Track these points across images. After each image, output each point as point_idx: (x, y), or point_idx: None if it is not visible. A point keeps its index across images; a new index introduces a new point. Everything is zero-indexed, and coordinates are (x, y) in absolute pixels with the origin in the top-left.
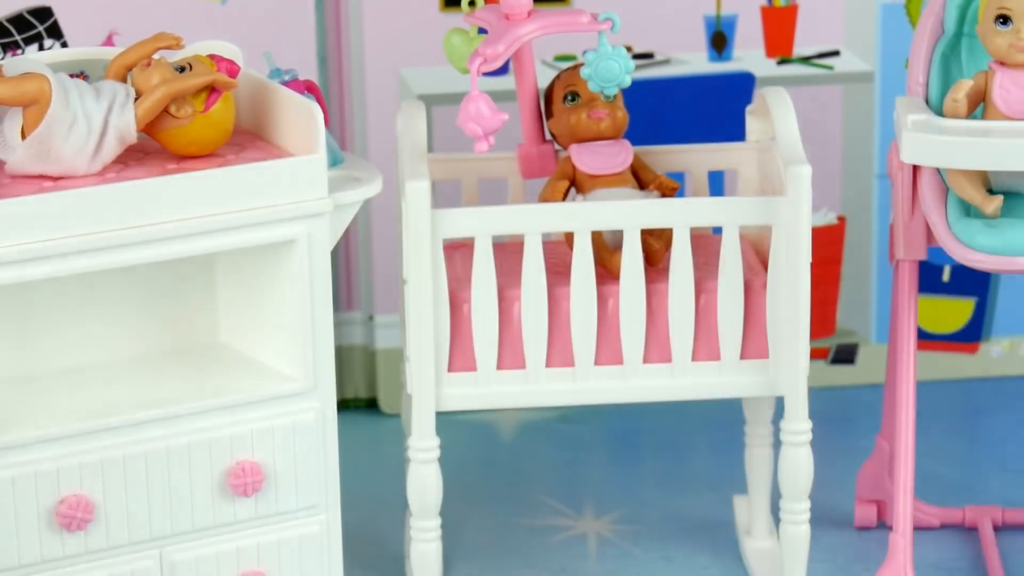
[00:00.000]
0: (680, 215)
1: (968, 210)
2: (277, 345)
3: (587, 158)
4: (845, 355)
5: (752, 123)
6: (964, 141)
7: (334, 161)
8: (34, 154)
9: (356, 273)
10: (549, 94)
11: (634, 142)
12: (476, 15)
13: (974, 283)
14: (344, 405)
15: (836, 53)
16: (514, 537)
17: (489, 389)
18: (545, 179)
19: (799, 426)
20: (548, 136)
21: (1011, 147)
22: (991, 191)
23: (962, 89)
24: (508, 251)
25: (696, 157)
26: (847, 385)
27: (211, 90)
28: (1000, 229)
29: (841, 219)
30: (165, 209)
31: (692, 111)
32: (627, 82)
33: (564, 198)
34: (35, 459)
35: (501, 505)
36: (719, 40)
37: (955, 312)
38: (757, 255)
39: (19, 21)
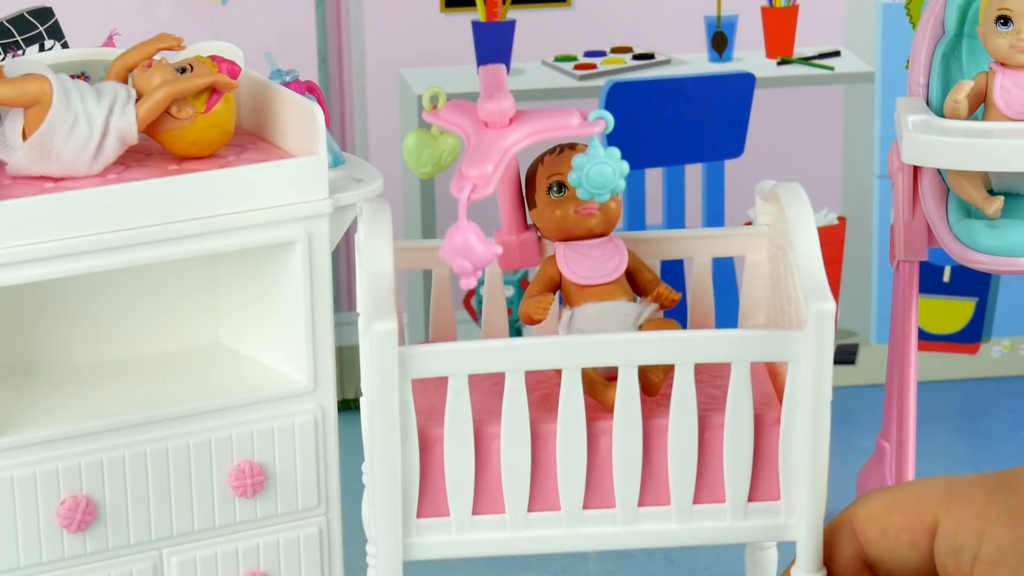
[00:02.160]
0: (684, 352)
1: (969, 211)
2: (277, 345)
3: (575, 265)
4: (845, 355)
5: (763, 206)
6: (965, 142)
7: (334, 162)
8: (35, 155)
9: (356, 273)
10: (531, 180)
11: (633, 143)
12: (442, 116)
13: (975, 284)
14: (344, 405)
15: (836, 53)
16: None
17: (463, 537)
18: (525, 270)
19: None
20: (529, 221)
21: (1012, 148)
22: (992, 192)
23: (963, 90)
24: (479, 383)
25: (699, 244)
26: (847, 385)
27: (212, 91)
28: (1001, 230)
29: (841, 220)
30: (166, 210)
31: (692, 111)
32: (621, 186)
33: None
34: (35, 460)
35: None
36: (719, 40)
37: (955, 312)
38: (772, 377)
39: (20, 22)
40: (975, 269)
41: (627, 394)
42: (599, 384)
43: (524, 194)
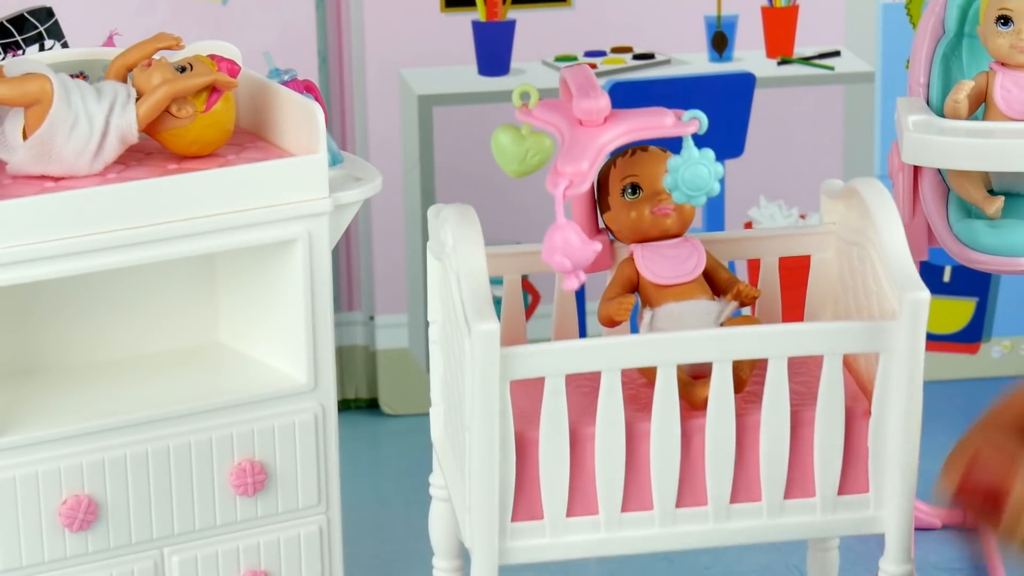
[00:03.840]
0: (778, 345)
1: (969, 211)
2: (278, 345)
3: (654, 265)
4: None
5: (829, 204)
6: (965, 142)
7: (333, 161)
8: (36, 154)
9: (356, 273)
10: (603, 184)
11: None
12: (535, 115)
13: (975, 283)
14: (344, 405)
15: (837, 53)
16: None
17: (557, 539)
18: (597, 273)
19: (903, 567)
20: (601, 224)
21: (1012, 148)
22: (992, 192)
23: (963, 90)
24: (574, 384)
25: (767, 244)
26: None
27: (212, 90)
28: (1001, 230)
29: None
30: (166, 209)
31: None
32: (716, 189)
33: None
34: (37, 459)
35: None
36: (720, 40)
37: (956, 312)
38: (850, 371)
39: (20, 21)
40: (975, 269)
41: (721, 391)
42: (687, 383)
43: (596, 197)
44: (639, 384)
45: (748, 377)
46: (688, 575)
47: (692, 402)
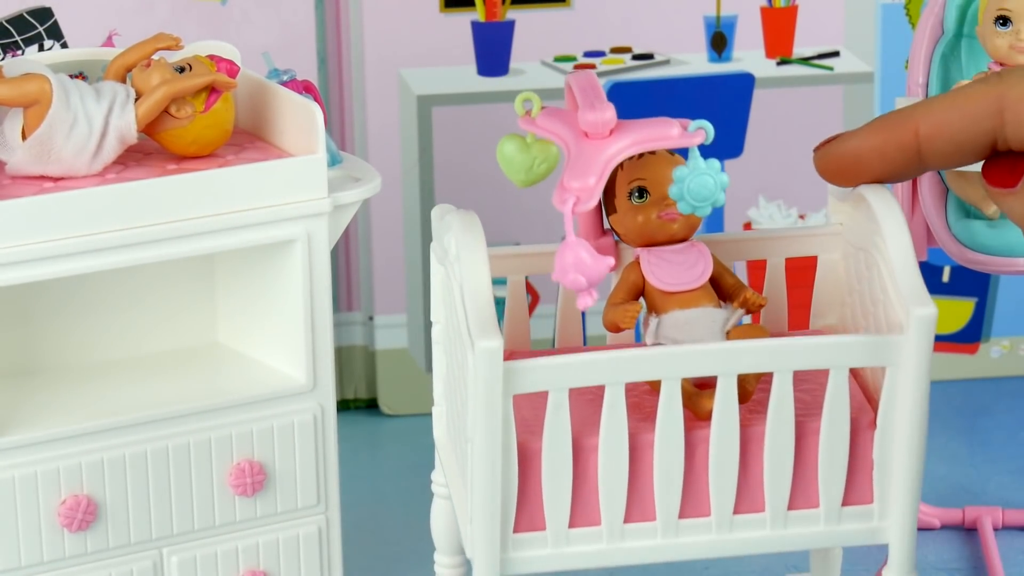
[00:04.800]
0: (784, 360)
1: (968, 211)
2: (277, 345)
3: (660, 272)
4: None
5: (837, 206)
6: None
7: (332, 161)
8: (35, 155)
9: (356, 273)
10: (610, 186)
11: None
12: (539, 124)
13: (974, 284)
14: (344, 405)
15: (836, 54)
16: None
17: (559, 550)
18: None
19: None
20: (607, 226)
21: None
22: None
23: None
24: (577, 393)
25: (773, 245)
26: None
27: (211, 90)
28: (1000, 230)
29: None
30: (165, 210)
31: (692, 112)
32: (722, 200)
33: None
34: (36, 459)
35: None
36: (719, 41)
37: (955, 313)
38: (856, 379)
39: (19, 22)
40: (974, 269)
41: (726, 403)
42: (692, 393)
43: (602, 200)
44: (642, 391)
45: (754, 389)
46: (687, 575)
47: (697, 413)
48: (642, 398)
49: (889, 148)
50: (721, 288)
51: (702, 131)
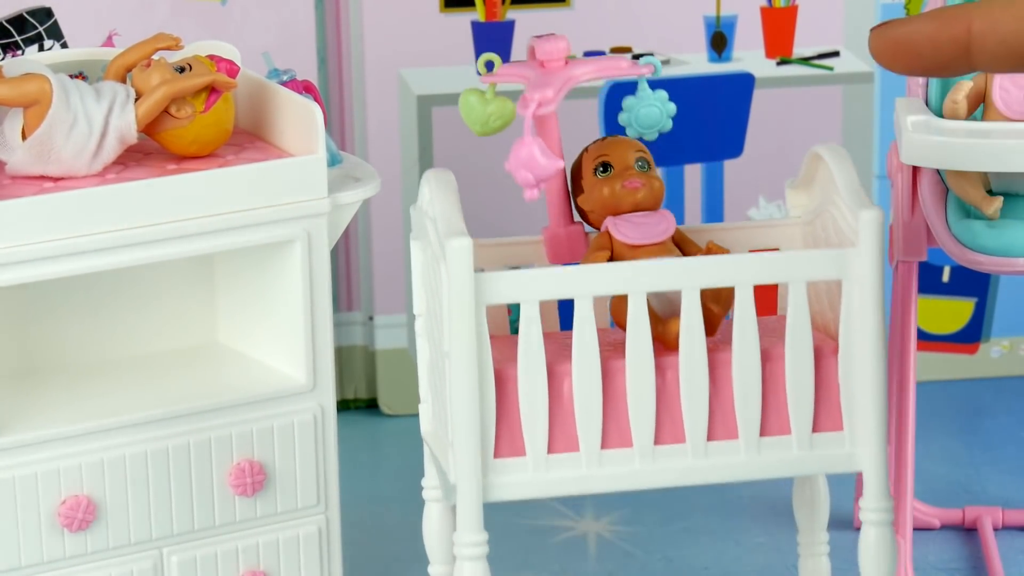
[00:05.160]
0: (744, 272)
1: (968, 211)
2: (277, 345)
3: (626, 229)
4: None
5: (794, 197)
6: (964, 142)
7: (332, 161)
8: (35, 155)
9: (356, 273)
10: (577, 169)
11: None
12: (501, 74)
13: (974, 284)
14: (344, 405)
15: (836, 54)
16: (513, 538)
17: (540, 476)
18: (574, 264)
19: (882, 503)
20: (576, 217)
21: (1011, 148)
22: (991, 192)
23: (962, 90)
24: (552, 336)
25: (736, 235)
26: None
27: (211, 90)
28: (1000, 230)
29: None
30: (165, 210)
31: (692, 112)
32: (668, 126)
33: None
34: (36, 460)
35: (500, 505)
36: (719, 40)
37: (955, 313)
38: (819, 327)
39: (19, 22)
40: (974, 269)
41: (691, 320)
42: (657, 321)
43: (570, 186)
44: (614, 340)
45: (721, 313)
46: (687, 575)
47: (666, 342)
48: (615, 345)
49: (942, 38)
50: (685, 252)
51: (651, 65)
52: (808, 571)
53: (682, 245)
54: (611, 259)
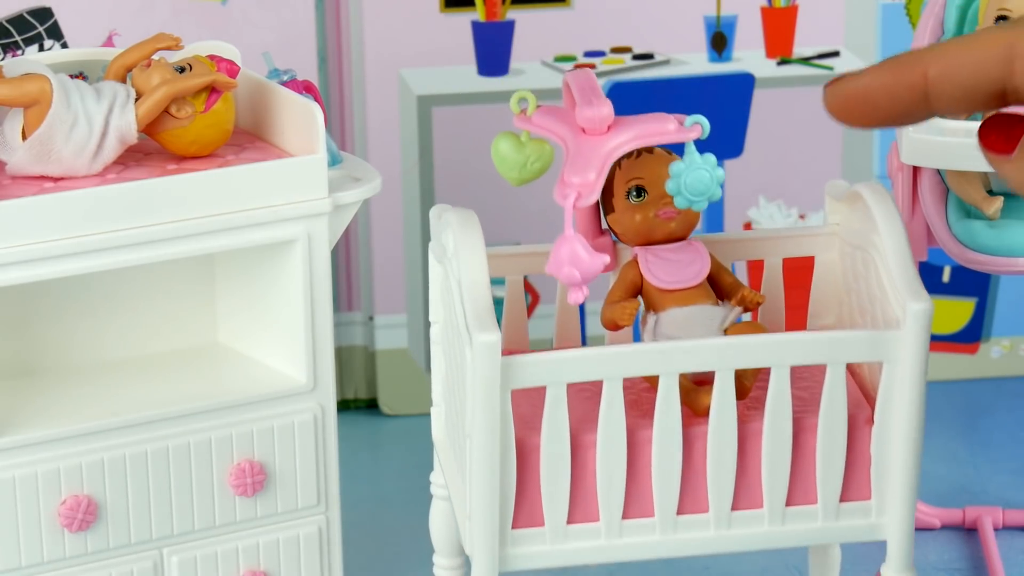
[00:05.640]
0: (781, 355)
1: (968, 211)
2: (277, 345)
3: (658, 270)
4: None
5: (834, 206)
6: (964, 142)
7: (332, 161)
8: (35, 155)
9: (356, 273)
10: (608, 186)
11: None
12: (536, 122)
13: (974, 284)
14: (344, 405)
15: (836, 54)
16: None
17: (558, 546)
18: (601, 275)
19: (905, 575)
20: (604, 225)
21: None
22: (991, 192)
23: None
24: (575, 391)
25: (771, 245)
26: None
27: (211, 90)
28: (1001, 230)
29: None
30: (165, 210)
31: (692, 112)
32: (718, 194)
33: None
34: (37, 460)
35: None
36: (719, 40)
37: (955, 312)
38: (853, 376)
39: (19, 22)
40: (975, 269)
41: (723, 398)
42: (690, 389)
43: (600, 200)
44: (641, 388)
45: (751, 385)
46: (687, 575)
47: (695, 409)
48: (640, 395)
49: (899, 88)
50: (719, 287)
51: (698, 126)
52: None
53: (716, 277)
54: (639, 292)
